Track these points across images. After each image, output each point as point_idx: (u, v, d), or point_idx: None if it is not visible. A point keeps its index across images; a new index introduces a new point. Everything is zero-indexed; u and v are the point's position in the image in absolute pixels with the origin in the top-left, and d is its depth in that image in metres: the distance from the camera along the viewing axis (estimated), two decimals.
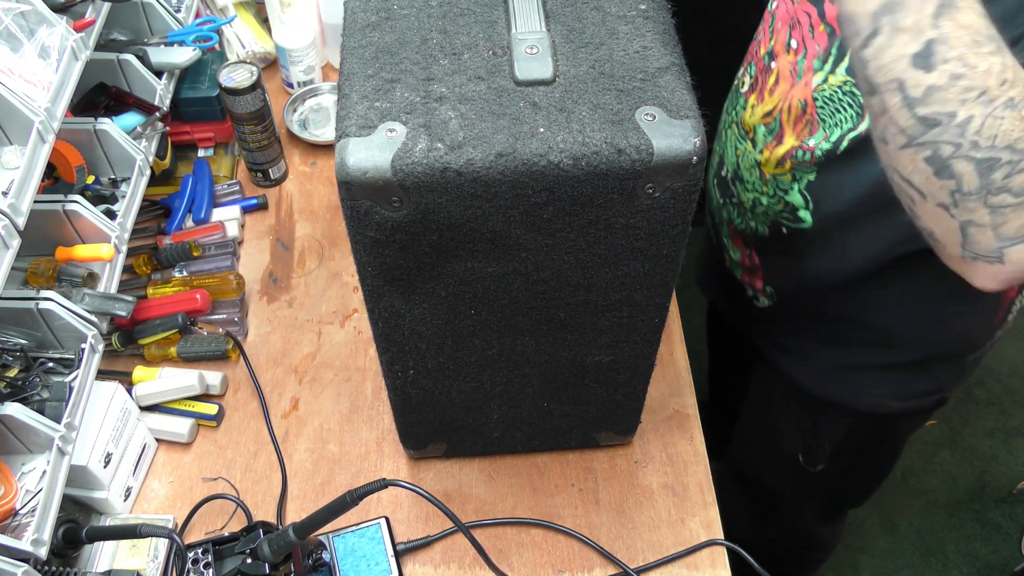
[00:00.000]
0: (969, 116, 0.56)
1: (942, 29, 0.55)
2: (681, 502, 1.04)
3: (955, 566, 1.95)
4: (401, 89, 0.66)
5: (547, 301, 0.77)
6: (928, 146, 0.59)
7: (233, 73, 1.24)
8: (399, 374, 0.87)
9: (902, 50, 0.56)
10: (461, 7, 0.72)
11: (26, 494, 0.86)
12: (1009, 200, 0.59)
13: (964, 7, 0.55)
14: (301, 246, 1.30)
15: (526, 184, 0.64)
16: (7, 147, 0.91)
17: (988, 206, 0.60)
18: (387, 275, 0.72)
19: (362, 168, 0.62)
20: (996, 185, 0.58)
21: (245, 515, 1.02)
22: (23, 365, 0.92)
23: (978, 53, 0.55)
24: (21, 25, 0.92)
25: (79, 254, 1.02)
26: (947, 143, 0.58)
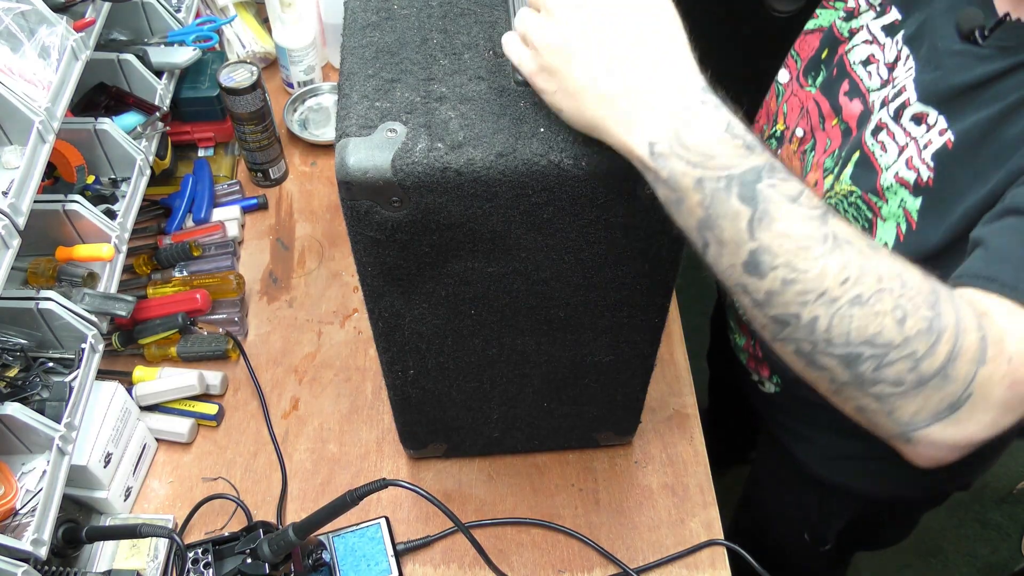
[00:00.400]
0: (814, 316, 0.56)
1: (760, 240, 0.55)
2: (681, 502, 1.04)
3: (955, 566, 1.94)
4: (401, 89, 0.66)
5: (547, 301, 0.77)
6: (790, 342, 0.59)
7: (233, 73, 1.24)
8: (399, 374, 0.87)
9: (732, 260, 0.57)
10: (462, 7, 0.72)
11: (26, 494, 0.86)
12: (888, 390, 0.58)
13: (780, 215, 0.54)
14: (301, 246, 1.30)
15: (526, 184, 0.64)
16: (7, 147, 0.90)
17: (871, 395, 0.59)
18: (387, 275, 0.72)
19: (362, 168, 0.62)
20: (868, 378, 0.58)
21: (245, 515, 1.02)
22: (23, 365, 0.92)
23: (807, 257, 0.55)
24: (21, 25, 0.92)
25: (79, 254, 1.02)
26: (804, 340, 0.58)
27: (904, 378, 0.57)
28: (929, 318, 0.56)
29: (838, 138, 0.93)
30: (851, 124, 0.91)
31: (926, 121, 0.80)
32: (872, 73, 0.90)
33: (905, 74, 0.84)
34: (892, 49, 0.87)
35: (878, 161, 0.85)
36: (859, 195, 0.87)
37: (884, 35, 0.89)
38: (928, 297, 0.56)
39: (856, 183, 0.88)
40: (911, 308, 0.56)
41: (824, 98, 0.95)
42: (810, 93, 0.98)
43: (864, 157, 0.87)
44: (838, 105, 0.93)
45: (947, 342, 0.56)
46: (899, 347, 0.56)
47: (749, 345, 1.12)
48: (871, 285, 0.55)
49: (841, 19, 0.96)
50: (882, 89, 0.88)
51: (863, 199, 0.87)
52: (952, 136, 0.77)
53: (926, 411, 0.58)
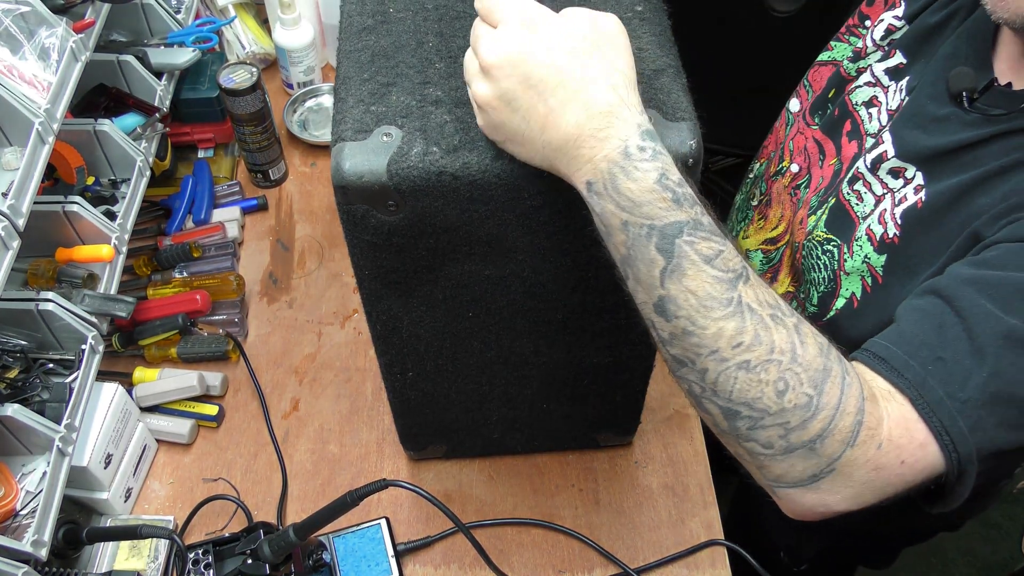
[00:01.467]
0: (705, 368, 0.59)
1: (668, 290, 0.58)
2: (681, 502, 1.04)
3: (955, 566, 1.94)
4: (397, 93, 0.66)
5: (545, 303, 0.77)
6: (684, 381, 0.62)
7: (233, 74, 1.24)
8: (398, 376, 0.87)
9: (644, 298, 0.60)
10: (457, 11, 0.72)
11: (26, 495, 0.86)
12: (759, 449, 0.61)
13: (690, 272, 0.57)
14: (301, 247, 1.30)
15: (522, 187, 0.64)
16: (7, 148, 0.91)
17: (744, 448, 0.62)
18: (384, 278, 0.72)
19: (358, 172, 0.62)
20: (741, 434, 0.61)
21: (245, 516, 1.02)
22: (23, 366, 0.92)
23: (707, 316, 0.57)
24: (21, 26, 0.92)
25: (79, 255, 1.02)
26: (695, 383, 0.61)
27: (773, 443, 0.60)
28: (810, 395, 0.58)
29: (829, 177, 0.93)
30: (844, 165, 0.91)
31: (903, 175, 0.80)
32: (873, 116, 0.89)
33: None
34: (896, 96, 0.86)
35: (854, 210, 0.85)
36: (836, 244, 0.87)
37: (888, 79, 0.88)
38: (815, 375, 0.58)
39: (831, 231, 0.87)
40: (795, 383, 0.58)
41: (827, 137, 0.95)
42: (813, 131, 0.98)
43: (839, 206, 0.87)
44: (839, 144, 0.92)
45: (822, 420, 0.58)
46: (774, 415, 0.59)
47: None
48: (762, 354, 0.58)
49: (849, 59, 0.96)
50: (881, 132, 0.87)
51: (839, 248, 0.86)
52: (924, 196, 0.77)
53: (790, 476, 0.61)
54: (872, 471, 0.60)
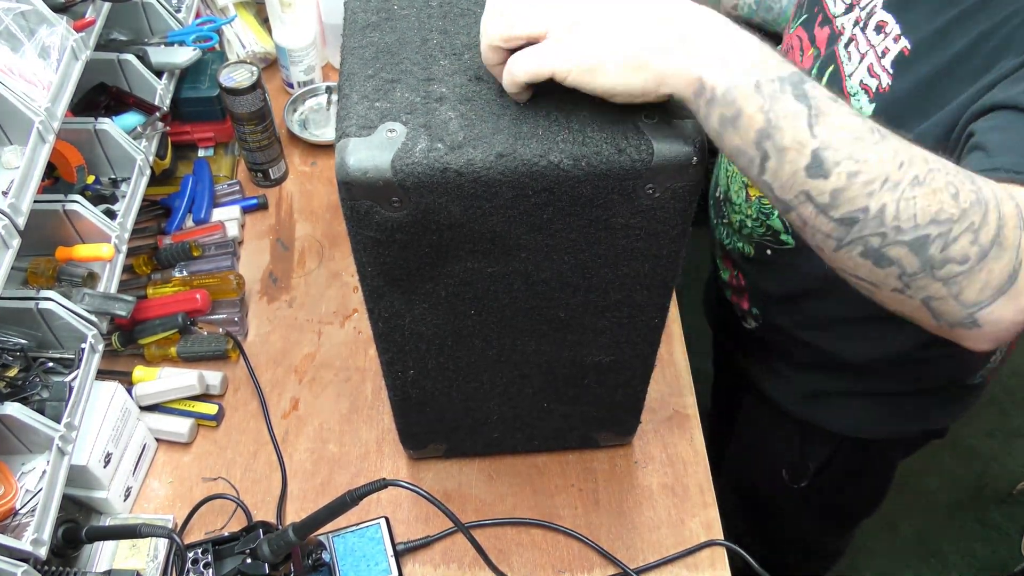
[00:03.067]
0: (882, 205, 0.58)
1: (821, 137, 0.57)
2: (681, 502, 1.04)
3: (955, 566, 1.95)
4: (401, 89, 0.66)
5: (547, 301, 0.77)
6: (857, 243, 0.60)
7: (233, 73, 1.24)
8: (399, 374, 0.87)
9: (794, 166, 0.58)
10: (461, 7, 0.72)
11: (26, 494, 0.86)
12: (956, 269, 0.60)
13: (831, 111, 0.57)
14: (301, 246, 1.30)
15: (526, 184, 0.64)
16: (7, 147, 0.90)
17: (939, 280, 0.60)
18: (387, 275, 0.72)
19: (362, 168, 0.62)
20: (937, 259, 0.59)
21: (245, 515, 1.02)
22: (23, 365, 0.92)
23: (865, 146, 0.57)
24: (21, 25, 0.92)
25: (79, 254, 1.02)
26: (873, 235, 0.59)
27: (968, 253, 0.59)
28: (974, 190, 0.58)
29: (810, 64, 0.95)
30: (821, 49, 0.93)
31: (884, 29, 0.83)
32: (837, 1, 0.92)
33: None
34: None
35: (844, 69, 0.88)
36: None
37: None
38: (964, 176, 0.59)
39: None
40: (959, 183, 0.58)
41: (804, 31, 0.98)
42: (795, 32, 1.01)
43: (836, 68, 0.90)
44: (812, 35, 0.95)
45: (994, 211, 0.58)
46: (959, 221, 0.58)
47: (732, 277, 1.14)
48: (922, 166, 0.57)
49: None
50: (848, 13, 0.90)
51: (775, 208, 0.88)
52: (908, 43, 0.80)
53: (990, 286, 0.60)
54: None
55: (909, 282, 0.61)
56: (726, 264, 1.16)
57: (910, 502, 2.02)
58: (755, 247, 1.05)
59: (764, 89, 0.56)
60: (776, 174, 0.59)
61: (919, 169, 0.57)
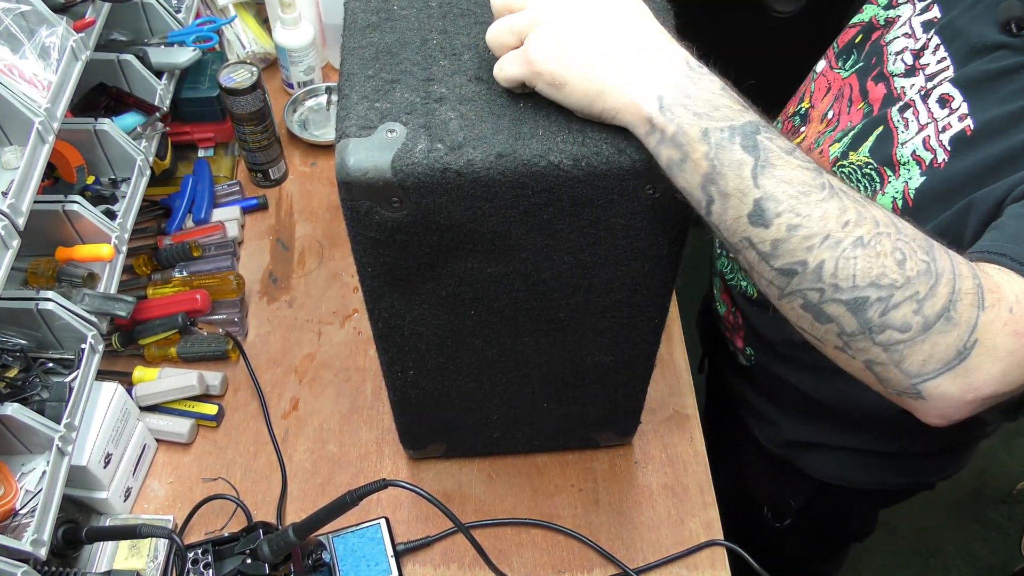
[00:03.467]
0: (820, 261, 0.57)
1: (763, 188, 0.57)
2: (681, 502, 1.04)
3: (955, 566, 1.95)
4: (401, 90, 0.66)
5: (547, 301, 0.77)
6: (797, 295, 0.60)
7: (233, 73, 1.24)
8: (399, 374, 0.87)
9: (737, 212, 0.58)
10: (461, 7, 0.72)
11: (26, 494, 0.86)
12: (896, 336, 0.59)
13: (779, 164, 0.57)
14: (301, 246, 1.30)
15: (526, 184, 0.64)
16: (7, 147, 0.90)
17: (878, 344, 0.59)
18: (387, 275, 0.72)
19: (362, 168, 0.62)
20: (876, 323, 0.58)
21: (245, 515, 1.02)
22: (23, 365, 0.92)
23: (808, 202, 0.56)
24: (21, 25, 0.92)
25: (79, 254, 1.02)
26: (811, 289, 0.59)
27: (910, 322, 0.58)
28: (926, 261, 0.58)
29: (859, 119, 0.94)
30: (875, 107, 0.92)
31: (950, 104, 0.81)
32: (897, 59, 0.90)
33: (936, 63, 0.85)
34: (922, 39, 0.88)
35: (898, 136, 0.85)
36: (874, 166, 0.87)
37: (922, 30, 0.90)
38: (923, 243, 0.58)
39: (873, 155, 0.88)
40: (908, 251, 0.57)
41: (857, 80, 0.96)
42: (839, 75, 0.99)
43: (887, 131, 0.88)
44: (865, 90, 0.94)
45: (946, 284, 0.58)
46: (902, 288, 0.57)
47: (728, 313, 1.13)
48: (870, 228, 0.57)
49: (882, 8, 0.98)
50: (909, 77, 0.88)
51: (877, 170, 0.87)
52: (972, 123, 0.78)
53: (935, 359, 0.59)
54: (1012, 336, 0.59)
55: (849, 342, 0.61)
56: (724, 299, 1.14)
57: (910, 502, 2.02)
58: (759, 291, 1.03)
59: (711, 137, 0.57)
60: (721, 218, 0.59)
61: (865, 231, 0.57)
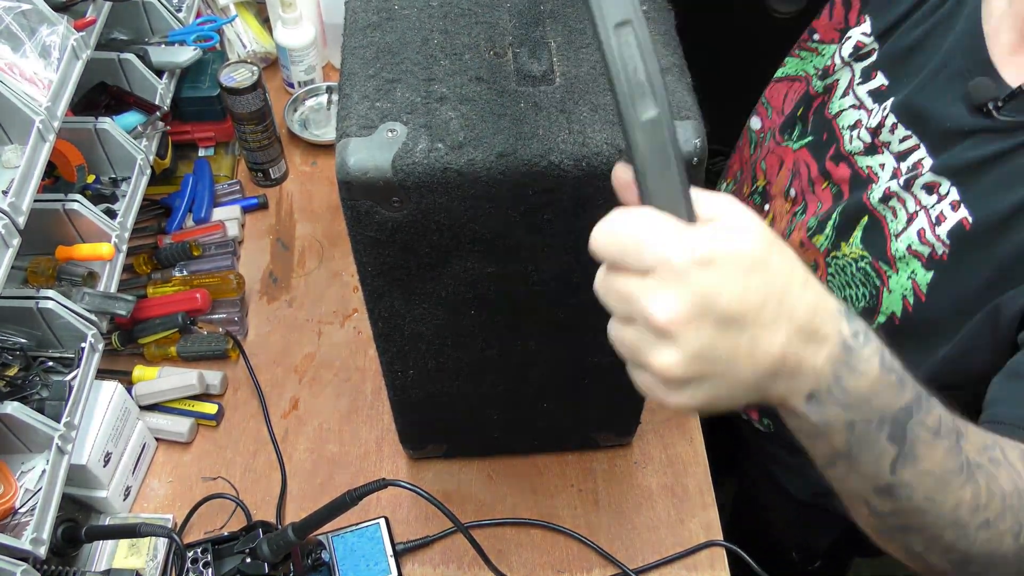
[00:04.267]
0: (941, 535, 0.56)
1: (900, 477, 0.53)
2: (680, 503, 1.04)
3: None
4: (402, 89, 0.66)
5: (547, 302, 0.77)
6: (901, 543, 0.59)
7: (234, 73, 1.24)
8: (399, 374, 0.87)
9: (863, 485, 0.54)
10: (462, 7, 0.72)
11: (25, 493, 0.86)
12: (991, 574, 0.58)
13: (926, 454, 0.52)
14: (301, 246, 1.30)
15: (527, 185, 0.64)
16: (7, 146, 0.90)
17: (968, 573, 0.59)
18: (387, 275, 0.72)
19: (363, 168, 0.62)
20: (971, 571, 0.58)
21: (244, 515, 1.02)
22: (23, 364, 0.92)
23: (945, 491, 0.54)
24: (22, 24, 0.92)
25: (79, 253, 1.02)
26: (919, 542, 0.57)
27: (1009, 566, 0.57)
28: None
29: (828, 201, 0.92)
30: (843, 187, 0.90)
31: (938, 191, 0.79)
32: (854, 137, 0.89)
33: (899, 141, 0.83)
34: (877, 115, 0.86)
35: (888, 227, 0.84)
36: (869, 261, 0.86)
37: (871, 101, 0.88)
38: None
39: (867, 248, 0.86)
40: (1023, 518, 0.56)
41: (813, 160, 0.94)
42: (789, 149, 0.97)
43: (874, 221, 0.86)
44: (826, 169, 0.92)
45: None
46: (1011, 560, 0.56)
47: None
48: (996, 507, 0.55)
49: (817, 76, 0.95)
50: (871, 155, 0.86)
51: (872, 266, 0.86)
52: (969, 215, 0.76)
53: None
54: None
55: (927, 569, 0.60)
56: None
57: None
58: None
59: (857, 429, 0.50)
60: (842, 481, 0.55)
61: (992, 512, 0.54)
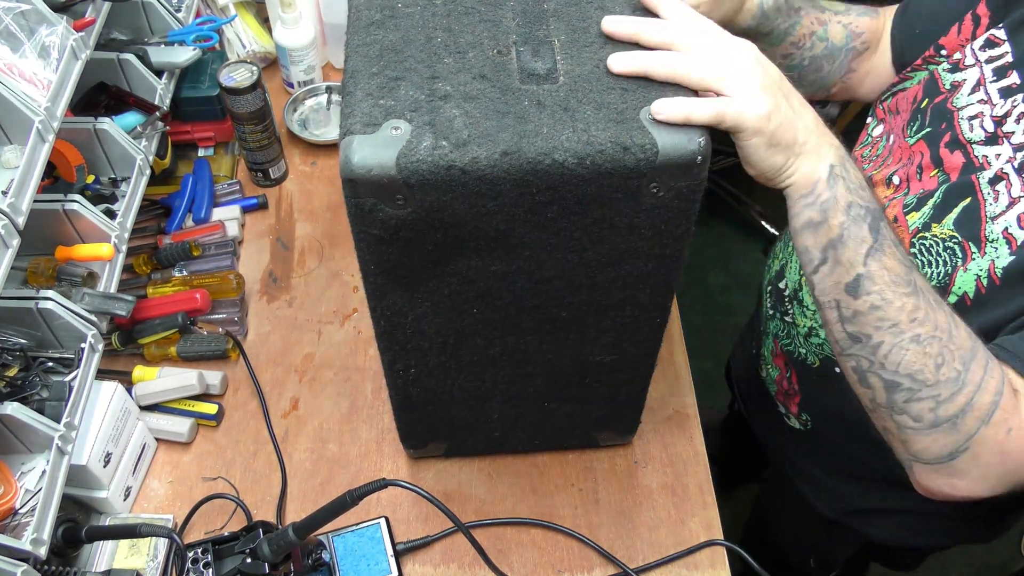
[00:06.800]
0: (880, 341, 0.68)
1: (869, 268, 0.67)
2: (681, 502, 1.04)
3: (955, 566, 1.95)
4: (406, 87, 0.66)
5: (550, 300, 0.77)
6: (853, 357, 0.71)
7: (233, 72, 1.24)
8: (400, 373, 0.87)
9: (839, 279, 0.69)
10: (466, 5, 0.72)
11: (26, 493, 0.86)
12: (909, 423, 0.70)
13: (888, 253, 0.67)
14: (301, 246, 1.30)
15: (530, 183, 0.64)
16: (7, 146, 0.90)
17: (894, 421, 0.71)
18: (390, 273, 0.72)
19: (367, 166, 0.62)
20: (898, 406, 0.70)
21: (245, 515, 1.02)
22: (23, 365, 0.92)
23: (896, 291, 0.67)
24: (21, 24, 0.92)
25: (79, 253, 1.02)
26: (864, 358, 0.70)
27: (923, 416, 0.69)
28: (959, 371, 0.67)
29: (933, 186, 0.90)
30: (951, 176, 0.88)
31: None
32: (975, 126, 0.87)
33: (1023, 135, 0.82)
34: (1006, 106, 0.84)
35: (986, 209, 0.83)
36: (958, 240, 0.84)
37: (999, 96, 0.86)
38: (965, 354, 0.68)
39: (959, 229, 0.85)
40: (949, 358, 0.67)
41: (928, 148, 0.92)
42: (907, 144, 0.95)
43: (975, 203, 0.84)
44: (939, 157, 0.90)
45: (966, 395, 0.67)
46: (930, 387, 0.68)
47: (782, 378, 1.10)
48: (929, 330, 0.67)
49: (946, 70, 0.93)
50: (991, 145, 0.85)
51: (961, 245, 0.83)
52: None
53: (930, 452, 0.70)
54: (998, 455, 0.68)
55: (875, 409, 0.73)
56: (777, 363, 1.10)
57: None
58: (822, 361, 0.99)
59: (852, 211, 0.67)
60: (823, 278, 0.70)
61: (925, 331, 0.67)
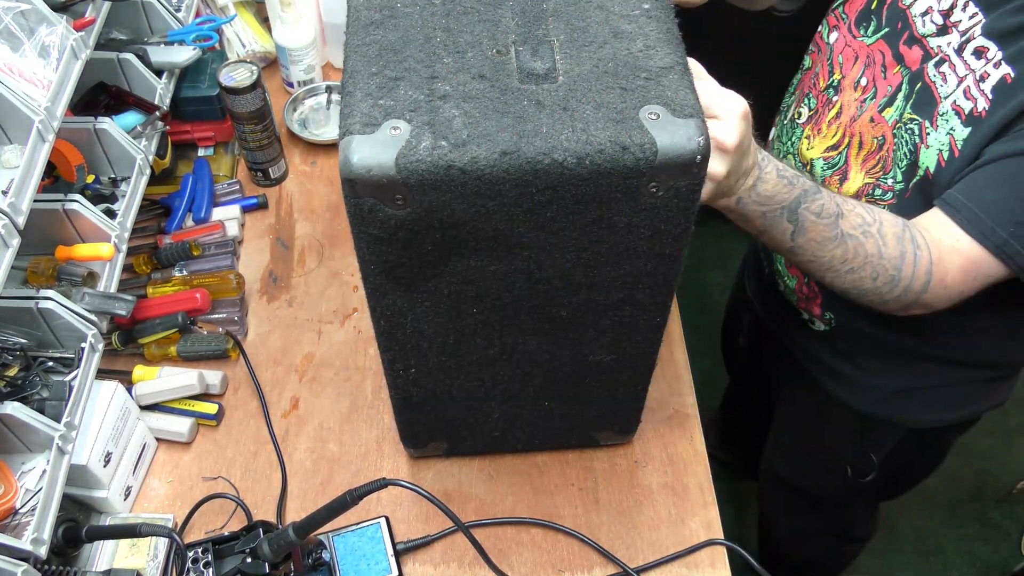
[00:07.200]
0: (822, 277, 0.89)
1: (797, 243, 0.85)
2: (681, 502, 1.04)
3: (955, 566, 1.95)
4: (405, 87, 0.66)
5: (549, 300, 0.77)
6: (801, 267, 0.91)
7: (233, 72, 1.24)
8: (400, 372, 0.87)
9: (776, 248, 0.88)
10: (465, 5, 0.72)
11: (26, 493, 0.86)
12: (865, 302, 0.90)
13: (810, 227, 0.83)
14: (301, 245, 1.30)
15: (530, 182, 0.64)
16: (7, 146, 0.90)
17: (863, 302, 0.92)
18: (390, 273, 0.72)
19: (366, 166, 0.62)
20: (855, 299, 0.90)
21: (245, 514, 1.02)
22: (23, 364, 0.92)
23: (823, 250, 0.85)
24: (21, 24, 0.92)
25: (79, 253, 1.02)
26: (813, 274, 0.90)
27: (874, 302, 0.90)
28: (893, 274, 0.85)
29: (898, 81, 0.96)
30: (913, 69, 0.95)
31: (986, 55, 0.86)
32: (927, 21, 0.93)
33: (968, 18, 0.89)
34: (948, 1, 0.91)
35: (938, 91, 0.90)
36: (919, 122, 0.92)
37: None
38: (895, 261, 0.85)
39: (915, 111, 0.93)
40: (882, 271, 0.85)
41: (888, 48, 0.98)
42: (864, 44, 1.01)
43: (925, 87, 0.92)
44: (899, 54, 0.96)
45: (902, 287, 0.86)
46: (870, 290, 0.88)
47: (801, 285, 1.14)
48: (860, 262, 0.85)
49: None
50: (942, 35, 0.91)
51: (920, 126, 0.92)
52: (1011, 70, 0.84)
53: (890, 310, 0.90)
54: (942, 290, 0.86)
55: None
56: (792, 272, 1.15)
57: (909, 501, 2.02)
58: None
59: (768, 217, 0.82)
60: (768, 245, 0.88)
61: (856, 263, 0.85)
